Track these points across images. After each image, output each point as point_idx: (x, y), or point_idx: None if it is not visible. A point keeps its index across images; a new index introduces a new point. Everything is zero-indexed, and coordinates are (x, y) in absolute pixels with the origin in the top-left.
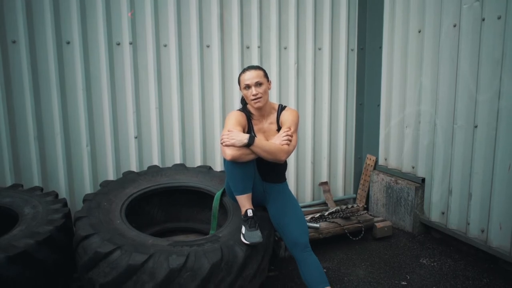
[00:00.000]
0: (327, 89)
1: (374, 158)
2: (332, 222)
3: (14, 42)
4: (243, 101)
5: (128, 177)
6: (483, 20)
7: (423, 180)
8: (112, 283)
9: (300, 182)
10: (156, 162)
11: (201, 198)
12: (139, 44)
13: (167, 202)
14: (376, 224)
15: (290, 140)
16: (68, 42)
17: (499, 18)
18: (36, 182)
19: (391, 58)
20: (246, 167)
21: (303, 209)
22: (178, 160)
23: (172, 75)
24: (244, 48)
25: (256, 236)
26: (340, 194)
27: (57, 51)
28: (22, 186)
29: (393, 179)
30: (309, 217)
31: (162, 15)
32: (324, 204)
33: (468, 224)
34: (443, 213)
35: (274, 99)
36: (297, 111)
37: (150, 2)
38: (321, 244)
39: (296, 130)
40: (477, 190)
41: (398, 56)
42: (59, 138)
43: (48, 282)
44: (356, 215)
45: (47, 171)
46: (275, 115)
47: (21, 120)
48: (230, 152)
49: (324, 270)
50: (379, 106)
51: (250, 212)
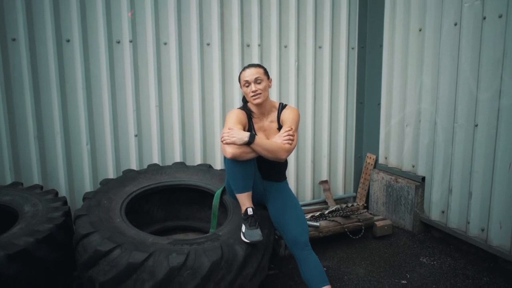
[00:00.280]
0: (327, 87)
1: (374, 156)
2: (332, 221)
3: (14, 40)
4: (244, 100)
5: (128, 175)
6: (484, 18)
7: (423, 179)
8: (112, 282)
9: (300, 180)
10: (156, 160)
11: (201, 196)
12: (139, 42)
13: (167, 200)
14: (376, 222)
15: (292, 140)
16: (68, 40)
17: (500, 16)
18: (36, 180)
19: (392, 56)
20: (246, 165)
21: (303, 207)
22: (178, 159)
23: (172, 73)
24: (245, 46)
25: (256, 234)
26: (340, 193)
27: (57, 49)
28: (22, 184)
29: (393, 177)
30: (309, 215)
31: (162, 13)
32: (324, 202)
33: (468, 223)
34: (443, 212)
35: (274, 98)
36: (297, 110)
37: (151, 0)
38: (321, 243)
39: (297, 129)
40: (477, 189)
41: (399, 55)
42: (59, 136)
43: (48, 280)
44: (356, 213)
45: (47, 170)
46: (275, 114)
47: (21, 119)
48: (231, 150)
49: (324, 269)
50: (379, 104)
51: (250, 211)
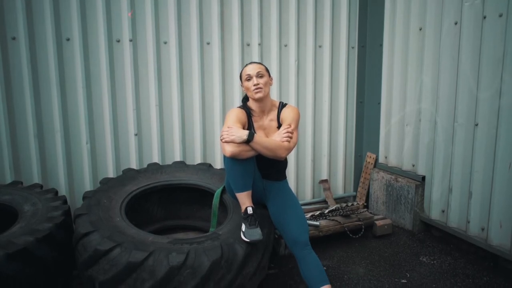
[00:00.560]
0: (327, 86)
1: (374, 156)
2: (332, 220)
3: (14, 39)
4: (244, 99)
5: (128, 174)
6: (485, 18)
7: (423, 178)
8: (112, 281)
9: (300, 180)
10: (156, 159)
11: (201, 195)
12: (139, 41)
13: (167, 199)
14: (376, 222)
15: (291, 137)
16: (68, 39)
17: (500, 16)
18: (36, 179)
19: (392, 56)
20: (246, 164)
21: (303, 207)
22: (178, 158)
23: (172, 73)
24: (245, 45)
25: (256, 234)
26: (340, 192)
27: (57, 48)
28: (22, 183)
29: (393, 177)
30: (309, 215)
31: (162, 12)
32: (324, 202)
33: (468, 222)
34: (443, 211)
35: (274, 97)
36: (297, 109)
37: None
38: (321, 242)
39: (296, 127)
40: (477, 189)
41: (399, 54)
42: (59, 135)
43: (47, 279)
44: (356, 213)
45: (47, 169)
46: (275, 112)
47: (21, 118)
48: (230, 149)
49: (324, 268)
50: (379, 104)
51: (250, 210)
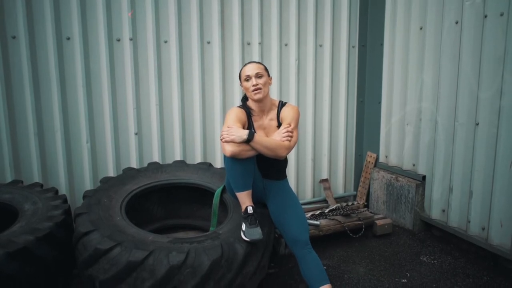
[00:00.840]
0: (328, 86)
1: (374, 155)
2: (332, 219)
3: (14, 37)
4: (244, 99)
5: (128, 173)
6: (485, 17)
7: (424, 177)
8: (112, 280)
9: (300, 179)
10: (156, 158)
11: (201, 194)
12: (139, 40)
13: (167, 198)
14: (377, 221)
15: (291, 137)
16: (68, 38)
17: (501, 15)
18: (36, 178)
19: (392, 55)
20: (246, 163)
21: (303, 206)
22: (178, 157)
23: (173, 72)
24: (245, 44)
25: (256, 233)
26: (340, 192)
27: (57, 47)
28: (22, 182)
29: (393, 176)
30: (309, 214)
31: (162, 11)
32: (325, 201)
33: (469, 222)
34: (443, 210)
35: (274, 96)
36: (297, 108)
37: None
38: (321, 242)
39: (296, 127)
40: (478, 188)
41: (400, 53)
42: (59, 134)
43: (47, 278)
44: (356, 212)
45: (47, 168)
46: (275, 112)
47: (21, 116)
48: (230, 148)
49: (324, 267)
50: (380, 103)
51: (250, 209)
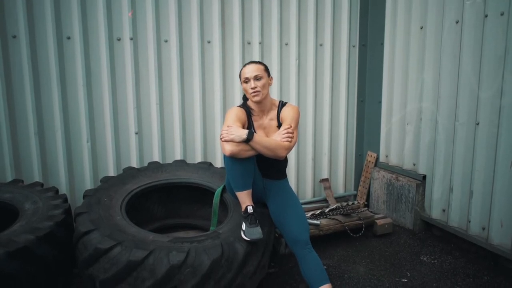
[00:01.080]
0: (328, 85)
1: (375, 155)
2: (333, 219)
3: (15, 37)
4: (245, 97)
5: (129, 173)
6: (486, 16)
7: (424, 177)
8: (112, 279)
9: (300, 178)
10: (156, 158)
11: (201, 194)
12: (139, 40)
13: (168, 198)
14: (377, 221)
15: (291, 138)
16: (68, 38)
17: (502, 14)
18: (37, 177)
19: (393, 54)
20: (246, 163)
21: (303, 205)
22: (178, 156)
23: (173, 71)
24: (245, 44)
25: (257, 232)
26: (340, 191)
27: (57, 46)
28: (23, 181)
29: (394, 176)
30: (309, 213)
31: (163, 10)
32: (325, 201)
33: (469, 221)
34: (444, 210)
35: (275, 95)
36: (297, 107)
37: None
38: (321, 241)
39: (296, 127)
40: (478, 188)
41: (400, 53)
42: (59, 133)
43: (48, 278)
44: (356, 212)
45: (47, 167)
46: (275, 111)
47: (21, 116)
48: (229, 148)
49: (325, 267)
50: (380, 102)
51: (250, 209)
